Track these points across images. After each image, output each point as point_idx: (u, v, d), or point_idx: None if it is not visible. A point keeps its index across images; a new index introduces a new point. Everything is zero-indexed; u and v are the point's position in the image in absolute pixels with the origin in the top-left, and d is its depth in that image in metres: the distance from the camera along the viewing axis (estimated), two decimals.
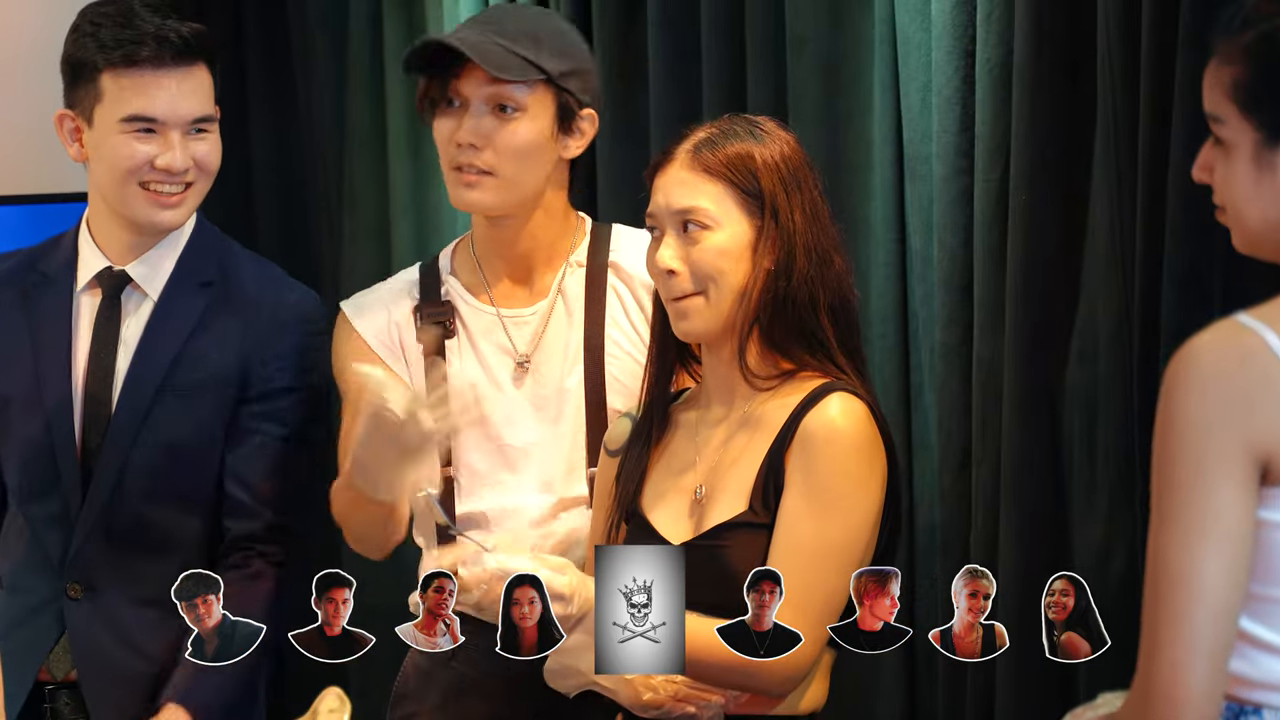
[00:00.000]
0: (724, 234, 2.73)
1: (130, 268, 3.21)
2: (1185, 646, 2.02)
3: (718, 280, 2.72)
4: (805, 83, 3.61)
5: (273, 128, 4.78)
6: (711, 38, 3.79)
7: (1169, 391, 2.05)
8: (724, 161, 2.73)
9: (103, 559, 3.17)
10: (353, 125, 4.55)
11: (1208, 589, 2.02)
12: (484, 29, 3.03)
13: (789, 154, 2.75)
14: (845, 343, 2.75)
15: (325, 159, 4.65)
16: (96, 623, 3.17)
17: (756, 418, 2.75)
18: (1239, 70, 2.11)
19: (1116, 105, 3.11)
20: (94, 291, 3.23)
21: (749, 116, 2.83)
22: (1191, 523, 2.02)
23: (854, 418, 2.68)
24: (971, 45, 3.36)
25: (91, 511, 3.16)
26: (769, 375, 2.75)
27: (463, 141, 3.01)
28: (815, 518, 2.65)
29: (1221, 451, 2.02)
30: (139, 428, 3.17)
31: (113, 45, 3.12)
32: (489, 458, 3.08)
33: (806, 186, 2.75)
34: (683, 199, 2.74)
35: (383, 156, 4.50)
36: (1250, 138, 2.11)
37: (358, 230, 4.55)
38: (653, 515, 2.79)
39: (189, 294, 3.22)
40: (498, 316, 3.11)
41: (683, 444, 2.83)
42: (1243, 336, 2.05)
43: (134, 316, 3.22)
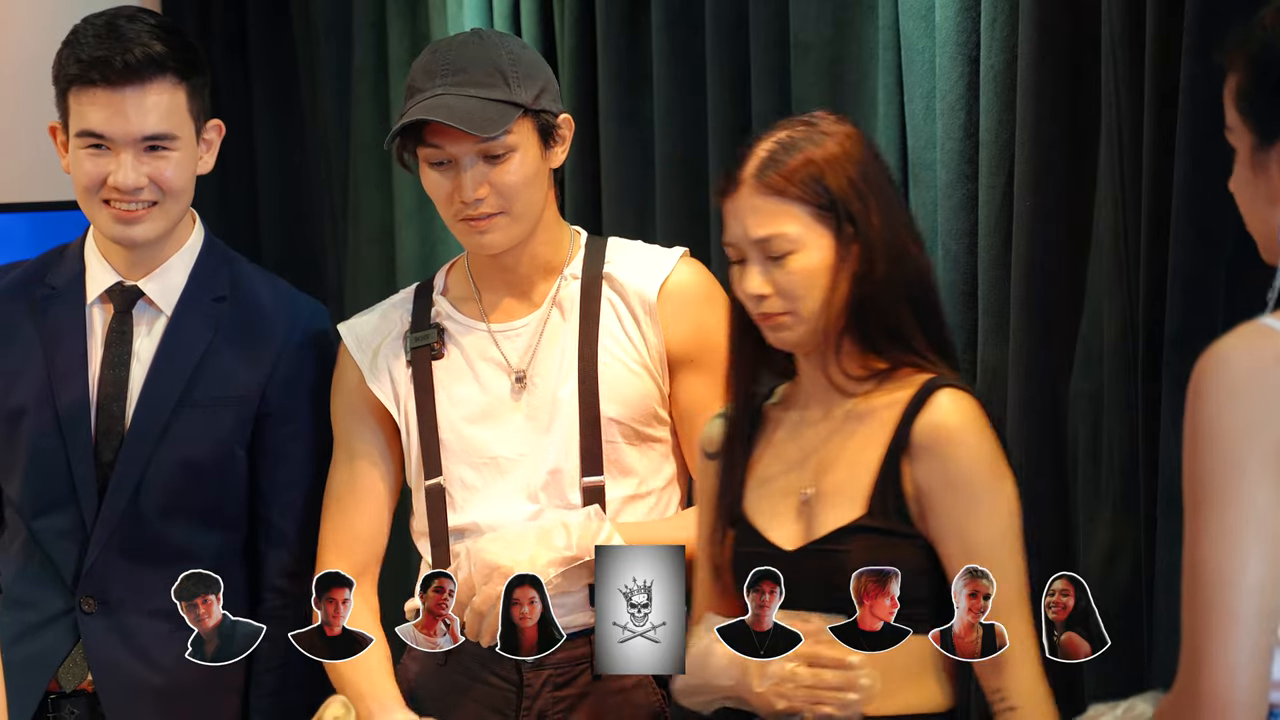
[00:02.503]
0: (807, 255, 2.73)
1: (143, 283, 3.22)
2: (1236, 649, 2.02)
3: (805, 298, 2.73)
4: (809, 89, 3.61)
5: (277, 135, 4.80)
6: (715, 44, 3.80)
7: (1198, 397, 2.04)
8: (793, 180, 2.72)
9: (117, 573, 3.18)
10: (357, 133, 4.57)
11: (1254, 590, 2.02)
12: (452, 83, 3.02)
13: (852, 150, 2.75)
14: (931, 332, 2.76)
15: (329, 166, 4.67)
16: (112, 637, 3.19)
17: (859, 416, 2.75)
18: (1240, 76, 2.14)
19: (1121, 111, 3.10)
20: (105, 306, 3.23)
21: (805, 118, 2.82)
22: (1232, 527, 2.02)
23: (967, 413, 2.70)
24: (975, 51, 3.35)
25: (106, 526, 3.17)
26: (863, 376, 2.76)
27: (467, 199, 3.02)
28: (973, 520, 2.68)
29: (1258, 455, 2.02)
30: (156, 443, 3.18)
31: (76, 60, 3.12)
32: (480, 470, 3.09)
33: (876, 181, 2.75)
34: (760, 228, 2.73)
35: (386, 164, 4.51)
36: (1247, 141, 2.14)
37: (362, 238, 4.56)
38: (758, 520, 2.78)
39: (203, 309, 3.23)
40: (489, 331, 3.12)
41: (784, 445, 2.82)
42: (1271, 339, 2.05)
43: (147, 332, 3.22)
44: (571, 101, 3.99)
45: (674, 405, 3.11)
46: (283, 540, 3.23)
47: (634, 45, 3.99)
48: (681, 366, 3.10)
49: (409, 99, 3.05)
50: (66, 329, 3.23)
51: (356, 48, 4.56)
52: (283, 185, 4.82)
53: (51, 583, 3.21)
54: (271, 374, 3.22)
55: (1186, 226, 2.96)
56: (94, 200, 3.15)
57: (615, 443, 3.07)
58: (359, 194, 4.56)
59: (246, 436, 3.22)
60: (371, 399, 3.14)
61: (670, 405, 3.11)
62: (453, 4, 4.32)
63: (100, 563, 3.18)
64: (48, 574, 3.21)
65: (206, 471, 3.20)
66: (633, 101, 4.00)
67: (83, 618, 3.18)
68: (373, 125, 4.53)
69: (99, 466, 3.19)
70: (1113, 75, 3.11)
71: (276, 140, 4.80)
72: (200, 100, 3.19)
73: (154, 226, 3.17)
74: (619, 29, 3.99)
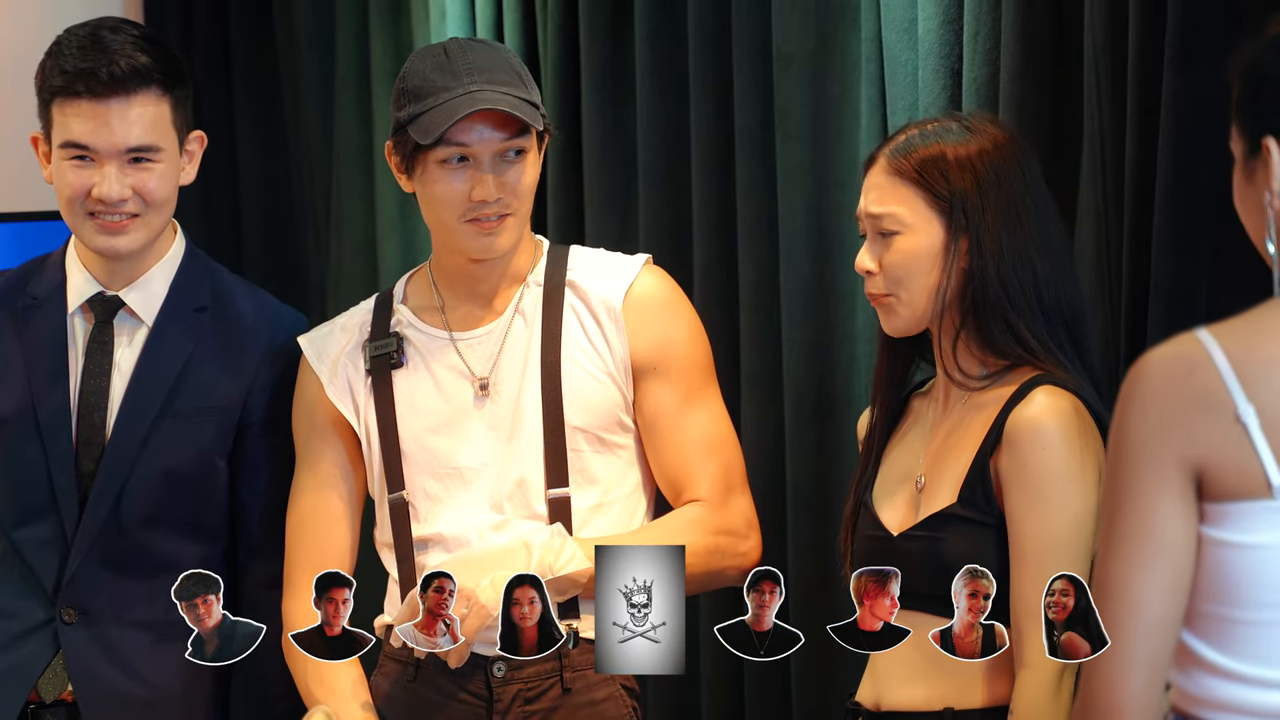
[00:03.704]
0: (914, 238, 2.77)
1: (124, 293, 3.22)
2: (1120, 657, 2.06)
3: (907, 283, 2.78)
4: (792, 100, 3.62)
5: (260, 145, 4.79)
6: (698, 55, 3.80)
7: (1119, 403, 2.07)
8: (916, 164, 2.78)
9: (98, 584, 3.17)
10: (340, 143, 4.56)
11: (1142, 602, 2.05)
12: (483, 80, 3.00)
13: (989, 150, 2.78)
14: (1054, 337, 2.77)
15: (312, 176, 4.67)
16: (93, 647, 3.17)
17: (974, 409, 2.79)
18: (1238, 86, 2.15)
19: (1103, 124, 3.11)
20: (86, 316, 3.23)
21: (960, 114, 2.89)
22: (1128, 536, 2.05)
23: (1058, 412, 2.70)
24: (958, 64, 3.37)
25: (87, 536, 3.16)
26: (979, 374, 2.79)
27: (488, 198, 3.00)
28: (1033, 518, 2.69)
29: (1157, 463, 2.04)
30: (136, 453, 3.17)
31: (60, 71, 3.11)
32: (443, 480, 3.07)
33: (1008, 183, 2.77)
34: (876, 204, 2.80)
35: (369, 174, 4.51)
36: (1241, 149, 2.15)
37: (345, 247, 4.56)
38: (879, 503, 2.84)
39: (184, 320, 3.22)
40: (451, 340, 3.12)
41: (912, 434, 2.89)
42: (1191, 349, 2.06)
43: (128, 342, 3.22)
44: (554, 111, 3.99)
45: (638, 413, 3.10)
46: (262, 551, 3.23)
47: (617, 55, 4.00)
48: (645, 374, 3.08)
49: (424, 99, 3.00)
50: (47, 339, 3.22)
51: (339, 58, 4.56)
52: (266, 195, 4.81)
53: (32, 593, 3.19)
54: (252, 384, 3.22)
55: (1168, 238, 2.97)
56: (78, 211, 3.15)
57: (580, 451, 3.06)
58: (342, 203, 4.56)
59: (228, 447, 3.22)
60: (332, 411, 3.12)
61: (635, 412, 3.10)
62: (435, 14, 4.32)
63: (81, 573, 3.17)
64: (28, 584, 3.20)
65: (187, 482, 3.20)
66: (615, 112, 4.00)
67: (63, 628, 3.17)
68: (356, 135, 4.53)
69: (80, 477, 3.18)
70: (1095, 88, 3.12)
71: (259, 150, 4.80)
72: (184, 112, 3.19)
73: (137, 237, 3.17)
74: (602, 39, 4.00)
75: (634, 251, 3.20)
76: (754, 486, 3.17)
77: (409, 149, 3.02)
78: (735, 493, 3.10)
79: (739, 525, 3.08)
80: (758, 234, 3.74)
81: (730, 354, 3.77)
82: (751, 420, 3.76)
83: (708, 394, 3.12)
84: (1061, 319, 2.78)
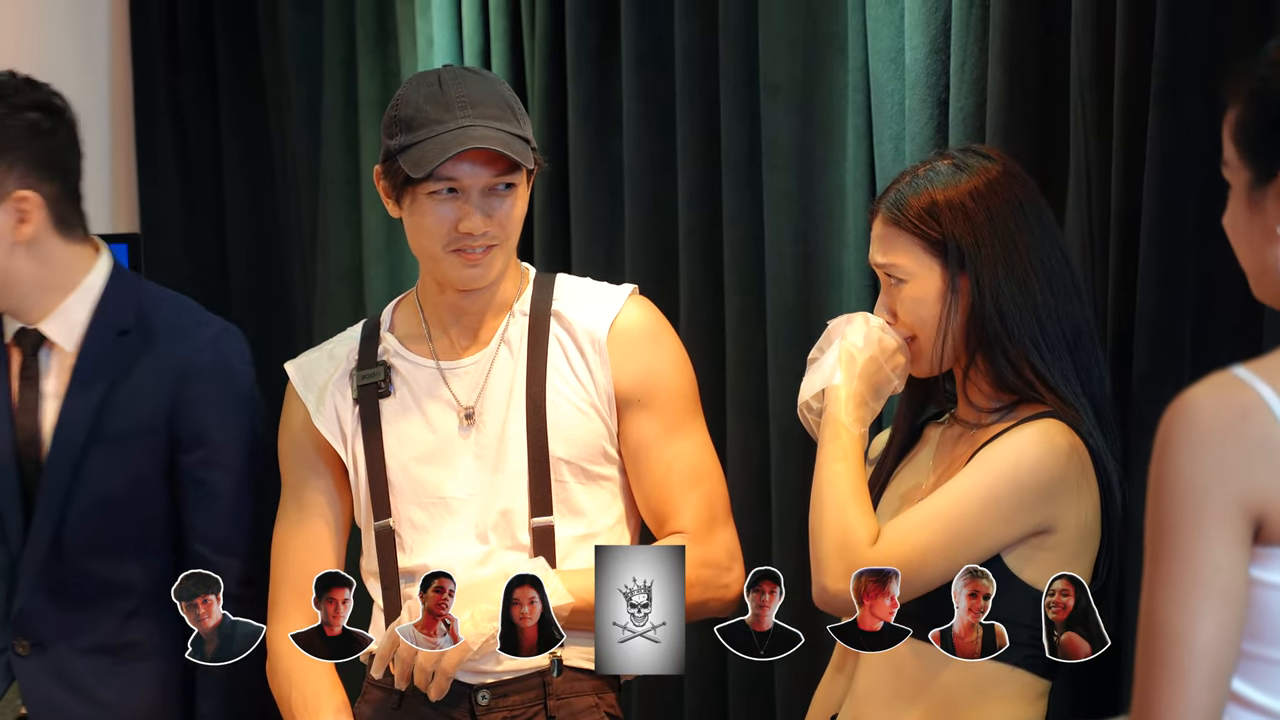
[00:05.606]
0: (917, 285, 2.84)
1: (42, 325, 3.22)
2: (1184, 707, 1.99)
3: (919, 328, 2.85)
4: (779, 129, 3.63)
5: (247, 173, 4.78)
6: (685, 83, 3.81)
7: (1164, 445, 2.01)
8: (909, 214, 2.84)
9: (48, 613, 3.18)
10: (326, 171, 4.56)
11: (1205, 648, 1.99)
12: (475, 115, 3.00)
13: (980, 187, 2.82)
14: (1057, 366, 2.80)
15: (299, 204, 4.66)
16: (46, 677, 3.18)
17: (979, 439, 2.82)
18: (1241, 110, 2.09)
19: (1089, 154, 3.11)
20: (14, 350, 3.24)
21: (956, 151, 2.91)
22: (1188, 581, 1.99)
23: (1038, 432, 2.73)
24: (945, 94, 3.37)
25: (30, 567, 3.17)
26: (989, 408, 2.84)
27: (475, 230, 3.01)
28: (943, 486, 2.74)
29: (1218, 509, 1.99)
30: (70, 481, 3.18)
31: None
32: (429, 509, 3.08)
33: (1000, 216, 2.82)
34: (881, 254, 2.88)
35: (356, 201, 4.51)
36: (1244, 177, 2.09)
37: (331, 274, 4.55)
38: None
39: (106, 344, 3.22)
40: (438, 369, 3.12)
41: (923, 456, 2.93)
42: (1241, 392, 2.00)
43: (54, 372, 3.22)
44: (541, 139, 3.99)
45: (623, 443, 3.10)
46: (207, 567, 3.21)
47: (604, 83, 4.00)
48: (629, 405, 3.09)
49: (416, 130, 3.01)
50: None
51: (327, 86, 4.56)
52: (252, 222, 4.80)
53: None
54: (174, 401, 3.21)
55: (1154, 268, 2.98)
56: None
57: (565, 482, 3.06)
58: (328, 231, 4.55)
59: (161, 466, 3.21)
60: (318, 438, 3.12)
61: (619, 443, 3.11)
62: (423, 42, 4.33)
63: (30, 604, 3.18)
64: None
65: (125, 506, 3.20)
66: (602, 139, 4.01)
67: (16, 660, 3.18)
68: (342, 163, 4.52)
69: (25, 508, 3.19)
70: (1081, 118, 3.12)
71: (246, 177, 4.79)
72: None
73: None
74: (589, 67, 4.00)
75: (620, 279, 3.21)
76: (739, 514, 3.17)
77: (399, 179, 3.02)
78: (718, 525, 3.10)
79: (721, 558, 3.08)
80: (744, 262, 3.75)
81: (716, 381, 3.77)
82: (737, 447, 3.76)
83: (692, 425, 3.12)
84: (1064, 344, 2.80)
